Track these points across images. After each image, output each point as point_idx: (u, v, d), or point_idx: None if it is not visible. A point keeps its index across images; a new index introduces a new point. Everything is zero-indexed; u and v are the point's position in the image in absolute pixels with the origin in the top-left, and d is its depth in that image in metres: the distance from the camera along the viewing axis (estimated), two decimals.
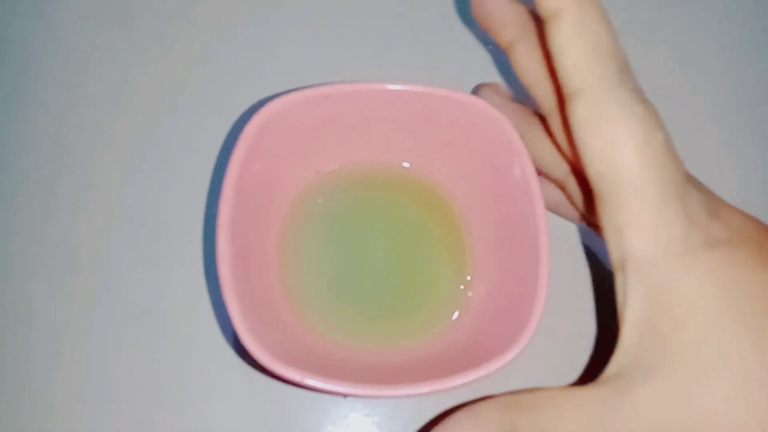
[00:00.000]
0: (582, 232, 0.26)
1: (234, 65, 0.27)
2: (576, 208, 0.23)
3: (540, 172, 0.22)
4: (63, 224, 0.25)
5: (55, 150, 0.26)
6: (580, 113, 0.18)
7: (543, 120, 0.23)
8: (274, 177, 0.23)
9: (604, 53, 0.18)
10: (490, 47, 0.28)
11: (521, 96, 0.24)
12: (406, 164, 0.24)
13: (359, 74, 0.27)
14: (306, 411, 0.23)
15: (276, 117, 0.22)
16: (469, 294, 0.23)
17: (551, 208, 0.25)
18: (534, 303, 0.20)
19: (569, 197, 0.23)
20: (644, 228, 0.18)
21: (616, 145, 0.18)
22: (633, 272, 0.18)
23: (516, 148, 0.22)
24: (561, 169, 0.22)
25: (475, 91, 0.26)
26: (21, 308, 0.24)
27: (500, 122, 0.22)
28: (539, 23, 0.21)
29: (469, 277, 0.23)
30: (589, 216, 0.23)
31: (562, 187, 0.23)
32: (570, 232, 0.26)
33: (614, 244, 0.18)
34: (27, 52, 0.27)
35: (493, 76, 0.28)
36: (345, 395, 0.20)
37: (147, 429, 0.23)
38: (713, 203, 0.19)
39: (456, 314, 0.23)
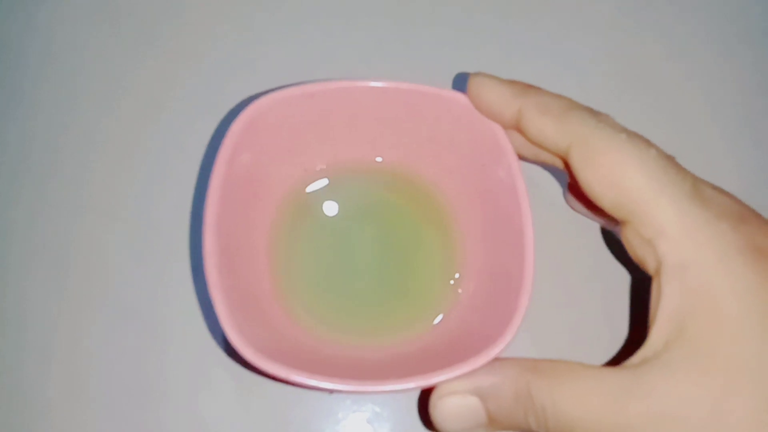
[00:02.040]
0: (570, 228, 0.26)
1: (221, 63, 0.28)
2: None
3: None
4: (52, 223, 0.25)
5: (44, 150, 0.26)
6: (576, 161, 0.20)
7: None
8: (261, 174, 0.23)
9: (570, 110, 0.20)
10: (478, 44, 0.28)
11: None
12: (393, 161, 0.25)
13: (345, 71, 0.27)
14: (295, 407, 0.24)
15: (262, 115, 0.22)
16: (459, 291, 0.23)
17: (582, 214, 0.25)
18: (519, 299, 0.20)
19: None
20: (670, 234, 0.18)
21: (616, 171, 0.19)
22: (666, 276, 0.19)
23: (501, 145, 0.22)
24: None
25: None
26: (11, 308, 0.24)
27: (485, 119, 0.22)
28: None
29: (457, 274, 0.23)
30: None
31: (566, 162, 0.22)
32: (557, 228, 0.26)
33: (648, 257, 0.19)
34: (18, 54, 0.27)
35: (480, 70, 0.28)
36: (331, 391, 0.20)
37: (136, 427, 0.23)
38: (743, 209, 0.20)
39: (444, 309, 0.23)
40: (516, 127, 0.21)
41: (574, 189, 0.25)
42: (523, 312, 0.20)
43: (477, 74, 0.22)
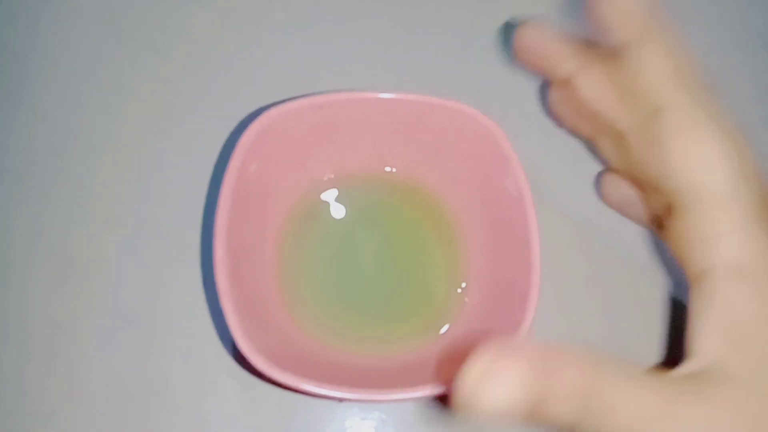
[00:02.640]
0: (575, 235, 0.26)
1: (230, 75, 0.28)
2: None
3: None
4: (61, 230, 0.25)
5: (53, 158, 0.26)
6: (665, 127, 0.19)
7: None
8: (271, 184, 0.23)
9: (687, 74, 0.19)
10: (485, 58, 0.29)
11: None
12: (399, 170, 0.25)
13: (353, 83, 0.27)
14: (302, 415, 0.24)
15: (272, 126, 0.22)
16: (466, 300, 0.23)
17: (617, 208, 0.24)
18: (525, 308, 0.20)
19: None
20: (732, 238, 0.18)
21: (703, 157, 0.18)
22: (719, 281, 0.18)
23: (507, 155, 0.22)
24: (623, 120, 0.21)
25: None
26: (19, 313, 0.24)
27: (490, 129, 0.22)
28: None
29: (464, 283, 0.24)
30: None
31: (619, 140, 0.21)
32: (561, 237, 0.26)
33: (696, 255, 0.18)
34: (25, 62, 0.28)
35: (485, 81, 0.28)
36: (340, 399, 0.20)
37: None
38: None
39: (451, 318, 0.23)
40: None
41: (626, 171, 0.23)
42: (530, 321, 0.20)
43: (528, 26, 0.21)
